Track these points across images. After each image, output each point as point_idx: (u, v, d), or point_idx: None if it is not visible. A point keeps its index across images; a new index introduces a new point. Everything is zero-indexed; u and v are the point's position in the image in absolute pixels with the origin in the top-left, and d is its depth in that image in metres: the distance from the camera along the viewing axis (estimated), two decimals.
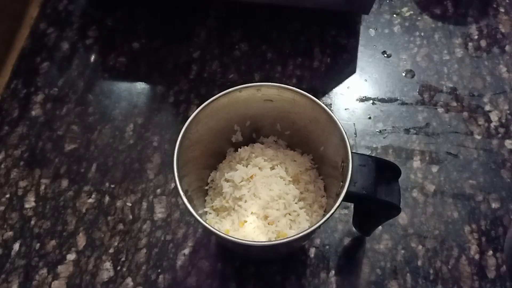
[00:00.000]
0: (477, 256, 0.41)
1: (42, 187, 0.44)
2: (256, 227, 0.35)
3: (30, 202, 0.44)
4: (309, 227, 0.31)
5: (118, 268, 0.41)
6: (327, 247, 0.42)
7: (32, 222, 0.43)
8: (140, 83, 0.51)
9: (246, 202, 0.35)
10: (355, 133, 0.48)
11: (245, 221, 0.35)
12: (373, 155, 0.45)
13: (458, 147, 0.47)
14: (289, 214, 0.35)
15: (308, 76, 0.51)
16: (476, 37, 0.54)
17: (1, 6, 0.52)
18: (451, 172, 0.45)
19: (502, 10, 0.56)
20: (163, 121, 0.48)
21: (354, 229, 0.41)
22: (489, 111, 0.49)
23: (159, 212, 0.43)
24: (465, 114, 0.49)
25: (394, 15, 0.56)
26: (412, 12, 0.56)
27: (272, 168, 0.38)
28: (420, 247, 0.42)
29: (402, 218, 0.43)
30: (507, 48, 0.53)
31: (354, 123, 0.48)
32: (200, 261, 0.41)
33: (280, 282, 0.40)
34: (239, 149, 0.40)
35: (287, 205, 0.35)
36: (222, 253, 0.41)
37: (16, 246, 0.41)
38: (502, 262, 0.41)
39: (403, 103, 0.49)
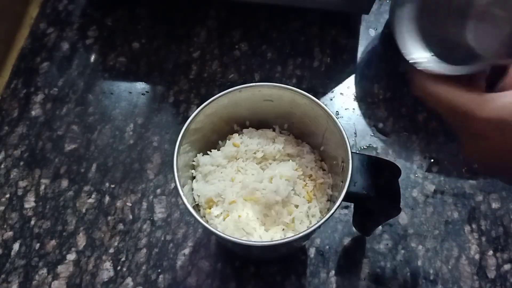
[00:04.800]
0: (477, 256, 0.41)
1: (42, 187, 0.44)
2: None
3: (30, 202, 0.44)
4: (309, 227, 0.31)
5: (118, 268, 0.41)
6: (327, 247, 0.42)
7: (32, 222, 0.43)
8: (140, 83, 0.51)
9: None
10: (355, 133, 0.48)
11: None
12: (373, 155, 0.45)
13: (458, 146, 0.47)
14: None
15: (308, 76, 0.51)
16: None
17: (1, 6, 0.52)
18: (451, 172, 0.45)
19: None
20: (163, 121, 0.48)
21: (354, 229, 0.41)
22: None
23: (159, 212, 0.43)
24: None
25: None
26: None
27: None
28: (420, 247, 0.42)
29: (402, 218, 0.43)
30: None
31: (354, 123, 0.48)
32: (200, 261, 0.41)
33: (280, 282, 0.40)
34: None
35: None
36: (222, 253, 0.41)
37: (16, 246, 0.41)
38: (502, 262, 0.41)
39: (403, 103, 0.49)
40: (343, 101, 0.50)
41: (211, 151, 0.38)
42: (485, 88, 0.29)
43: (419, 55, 0.27)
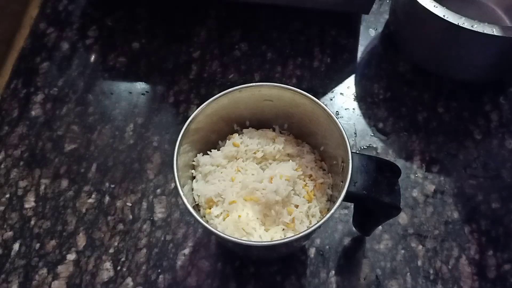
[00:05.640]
0: (477, 256, 0.41)
1: (42, 187, 0.44)
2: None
3: (30, 202, 0.44)
4: (309, 227, 0.31)
5: (118, 268, 0.41)
6: (327, 247, 0.42)
7: (32, 222, 0.43)
8: (140, 83, 0.51)
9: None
10: (355, 133, 0.48)
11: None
12: (373, 155, 0.45)
13: (458, 147, 0.47)
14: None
15: (308, 76, 0.51)
16: None
17: (1, 6, 0.52)
18: (451, 172, 0.45)
19: None
20: (163, 121, 0.48)
21: (354, 229, 0.41)
22: (489, 111, 0.49)
23: (159, 212, 0.43)
24: (465, 114, 0.49)
25: None
26: None
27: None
28: (420, 247, 0.42)
29: (402, 218, 0.43)
30: None
31: (354, 123, 0.48)
32: (200, 261, 0.41)
33: (280, 282, 0.40)
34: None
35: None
36: (222, 253, 0.41)
37: (16, 246, 0.41)
38: (502, 262, 0.41)
39: (403, 103, 0.49)
40: (343, 101, 0.50)
41: (211, 151, 0.38)
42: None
43: None
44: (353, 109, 0.49)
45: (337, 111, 0.49)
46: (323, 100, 0.50)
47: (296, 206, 0.35)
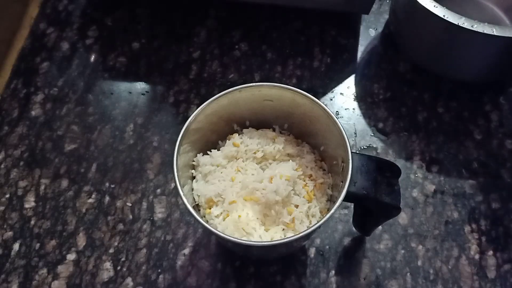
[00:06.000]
0: (477, 256, 0.41)
1: (42, 187, 0.44)
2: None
3: (30, 202, 0.44)
4: (309, 227, 0.31)
5: (118, 268, 0.41)
6: (327, 247, 0.42)
7: (32, 222, 0.43)
8: (140, 83, 0.51)
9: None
10: (355, 133, 0.48)
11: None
12: (373, 155, 0.45)
13: (458, 147, 0.47)
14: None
15: (308, 76, 0.51)
16: None
17: (1, 6, 0.52)
18: (451, 172, 0.45)
19: None
20: (163, 121, 0.48)
21: (354, 229, 0.41)
22: (489, 111, 0.49)
23: (159, 212, 0.43)
24: (465, 114, 0.49)
25: None
26: None
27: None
28: (420, 247, 0.42)
29: (402, 218, 0.43)
30: None
31: (354, 123, 0.48)
32: (200, 261, 0.41)
33: (280, 282, 0.40)
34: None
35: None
36: (222, 253, 0.41)
37: (16, 246, 0.41)
38: (502, 262, 0.41)
39: (403, 103, 0.49)
40: (343, 101, 0.50)
41: (211, 151, 0.38)
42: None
43: None
44: (353, 109, 0.49)
45: (337, 111, 0.49)
46: (323, 100, 0.50)
47: (296, 206, 0.35)
